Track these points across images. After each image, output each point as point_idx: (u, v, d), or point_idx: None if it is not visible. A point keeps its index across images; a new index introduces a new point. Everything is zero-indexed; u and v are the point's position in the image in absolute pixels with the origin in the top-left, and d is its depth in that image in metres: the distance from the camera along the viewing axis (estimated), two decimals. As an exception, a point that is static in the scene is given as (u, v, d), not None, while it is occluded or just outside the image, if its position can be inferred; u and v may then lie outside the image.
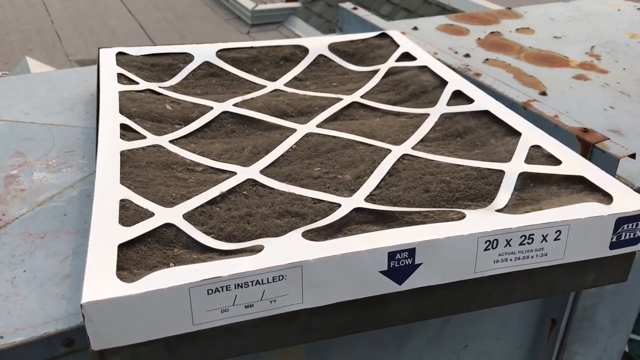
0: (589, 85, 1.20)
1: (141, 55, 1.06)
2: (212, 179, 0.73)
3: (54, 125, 0.98)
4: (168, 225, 0.62)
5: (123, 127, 0.81)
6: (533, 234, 0.60)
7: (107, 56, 1.03)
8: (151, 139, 0.80)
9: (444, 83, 0.98)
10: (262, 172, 0.75)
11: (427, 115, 0.90)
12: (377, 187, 0.72)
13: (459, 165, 0.76)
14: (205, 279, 0.52)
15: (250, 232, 0.64)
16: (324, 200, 0.69)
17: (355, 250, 0.55)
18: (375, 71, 1.07)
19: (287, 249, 0.56)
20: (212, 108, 0.91)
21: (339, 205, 0.68)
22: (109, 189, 0.65)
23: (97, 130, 0.80)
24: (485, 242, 0.59)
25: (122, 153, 0.74)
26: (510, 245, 0.60)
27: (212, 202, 0.68)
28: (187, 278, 0.52)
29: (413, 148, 0.81)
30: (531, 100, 0.99)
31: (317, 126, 0.87)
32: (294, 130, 0.85)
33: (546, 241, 0.61)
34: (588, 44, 1.43)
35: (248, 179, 0.73)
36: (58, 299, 0.65)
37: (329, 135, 0.83)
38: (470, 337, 0.95)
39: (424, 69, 1.04)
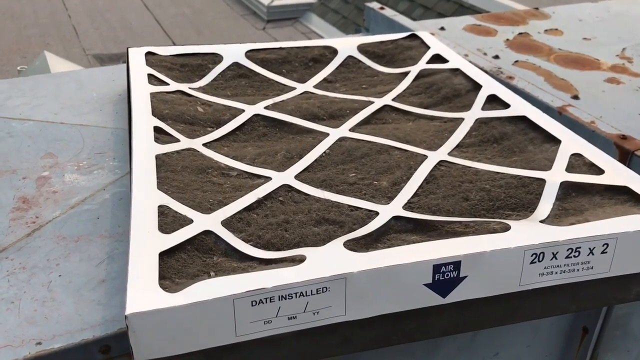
0: (621, 89, 1.18)
1: (170, 56, 1.05)
2: (247, 184, 0.72)
3: (83, 126, 0.97)
4: (207, 233, 0.62)
5: (156, 129, 0.80)
6: (580, 247, 0.59)
7: (137, 56, 1.02)
8: (185, 143, 0.80)
9: (477, 87, 0.97)
10: (297, 177, 0.74)
11: (462, 119, 0.89)
12: (415, 194, 0.71)
13: (498, 172, 0.74)
14: (249, 291, 0.51)
15: (289, 240, 0.63)
16: (361, 208, 0.68)
17: (400, 262, 0.54)
18: (406, 73, 1.06)
19: (330, 260, 0.56)
20: (243, 111, 0.90)
21: (377, 214, 0.67)
22: (147, 195, 0.65)
23: (130, 133, 0.79)
24: (532, 255, 0.57)
25: (158, 157, 0.73)
26: (556, 259, 0.58)
27: (248, 208, 0.67)
28: (232, 289, 0.51)
29: (449, 154, 0.79)
30: (566, 105, 0.98)
31: (350, 130, 0.86)
32: (327, 135, 0.84)
33: (593, 254, 0.59)
34: (619, 46, 1.40)
35: (283, 185, 0.72)
36: (94, 305, 0.64)
37: (362, 140, 0.82)
38: (501, 344, 0.94)
39: (456, 71, 1.02)
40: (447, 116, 0.91)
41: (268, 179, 0.74)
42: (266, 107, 0.91)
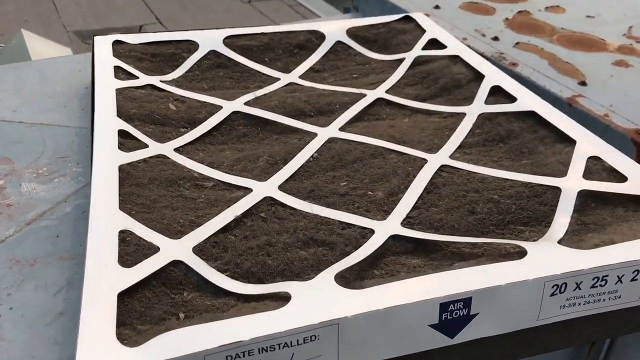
0: (631, 73, 1.10)
1: (140, 44, 0.95)
2: (224, 198, 0.64)
3: (45, 125, 0.88)
4: (176, 263, 0.53)
5: (121, 133, 0.71)
6: (607, 275, 0.51)
7: (103, 46, 0.92)
8: (154, 148, 0.71)
9: (479, 76, 0.88)
10: (281, 187, 0.66)
11: (464, 115, 0.80)
12: (415, 207, 0.63)
13: (507, 179, 0.66)
14: (223, 345, 0.43)
15: (272, 268, 0.55)
16: (354, 225, 0.60)
17: (402, 302, 0.46)
18: (400, 60, 0.97)
19: (319, 299, 0.47)
20: (221, 107, 0.81)
21: (372, 232, 0.59)
22: (106, 218, 0.56)
23: (92, 138, 0.70)
24: (553, 287, 0.50)
25: (121, 168, 0.64)
26: (580, 289, 0.51)
27: (225, 229, 0.59)
28: (202, 342, 0.43)
29: (451, 157, 0.71)
30: (576, 96, 0.89)
31: (340, 129, 0.77)
32: (314, 135, 0.75)
33: (621, 282, 0.51)
34: (625, 24, 1.31)
35: (265, 197, 0.64)
36: (50, 344, 0.56)
37: (354, 141, 0.74)
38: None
39: (455, 59, 0.93)
40: (447, 110, 0.82)
41: (248, 190, 0.65)
42: (246, 103, 0.82)
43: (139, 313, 0.48)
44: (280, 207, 0.63)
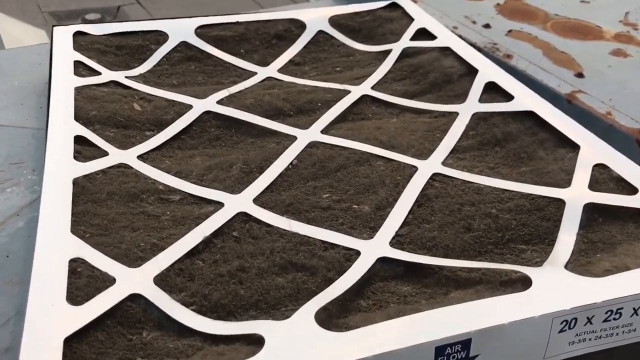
0: (629, 63, 1.04)
1: (104, 35, 0.87)
2: (192, 214, 0.57)
3: (-2, 126, 0.80)
4: (134, 297, 0.47)
5: (78, 140, 0.64)
6: (622, 308, 0.45)
7: (62, 37, 0.84)
8: (115, 156, 0.63)
9: (471, 70, 0.81)
10: (257, 200, 0.59)
11: (456, 114, 0.74)
12: (405, 222, 0.57)
13: (506, 190, 0.60)
14: (183, 407, 0.36)
15: (244, 299, 0.48)
16: (337, 245, 0.54)
17: (392, 348, 0.40)
18: (387, 52, 0.90)
19: (296, 346, 0.41)
20: (191, 107, 0.74)
21: (358, 253, 0.53)
22: (55, 245, 0.49)
23: (46, 146, 0.63)
24: (562, 323, 0.44)
25: (76, 182, 0.57)
26: (591, 323, 0.45)
27: (193, 252, 0.52)
28: (159, 403, 0.37)
29: (444, 163, 0.65)
30: (575, 92, 0.83)
31: (322, 132, 0.70)
32: (294, 138, 0.69)
33: (637, 315, 0.46)
34: (621, 10, 1.25)
35: (239, 213, 0.57)
36: (-8, 389, 0.49)
37: (337, 146, 0.67)
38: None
39: (446, 51, 0.87)
40: (438, 109, 0.76)
41: (219, 205, 0.58)
42: (219, 102, 0.75)
43: (89, 361, 0.41)
44: (256, 223, 0.56)
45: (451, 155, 0.67)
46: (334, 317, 0.46)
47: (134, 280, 0.48)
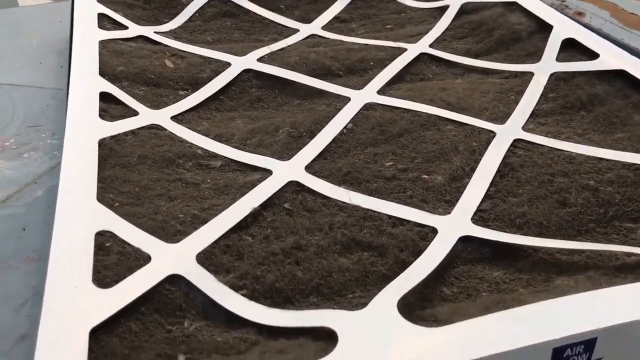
0: None
1: (131, -13, 0.79)
2: (236, 182, 0.49)
3: (15, 86, 0.72)
4: (174, 279, 0.39)
5: (104, 97, 0.56)
6: None
7: (84, -11, 0.76)
8: (146, 116, 0.56)
9: (543, 27, 0.72)
10: (309, 168, 0.51)
11: (530, 75, 0.64)
12: (487, 196, 0.48)
13: (602, 159, 0.51)
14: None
15: (303, 282, 0.40)
16: (408, 221, 0.45)
17: (501, 350, 0.32)
18: (442, 8, 0.80)
19: (380, 342, 0.33)
20: (229, 64, 0.65)
21: (434, 231, 0.44)
22: (79, 215, 0.41)
23: (67, 103, 0.55)
24: None
25: (102, 143, 0.49)
26: None
27: (240, 226, 0.44)
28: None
29: (525, 128, 0.56)
30: (662, 51, 0.73)
31: (379, 92, 0.61)
32: (347, 100, 0.60)
33: None
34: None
35: (290, 182, 0.49)
36: (6, 383, 0.42)
37: (398, 108, 0.58)
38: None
39: (512, 5, 0.77)
40: (509, 69, 0.66)
41: (267, 172, 0.50)
42: (260, 60, 0.67)
43: (122, 357, 0.34)
44: (309, 194, 0.48)
45: (531, 120, 0.58)
46: (415, 308, 0.38)
47: (173, 258, 0.40)
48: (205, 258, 0.41)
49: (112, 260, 0.39)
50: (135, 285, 0.37)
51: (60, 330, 0.33)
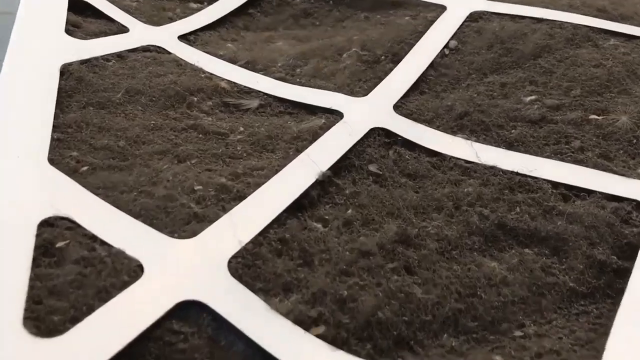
0: None
1: None
2: (287, 131, 0.30)
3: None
4: (187, 310, 0.20)
5: (77, 6, 0.37)
6: None
7: None
8: (140, 34, 0.36)
9: None
10: (399, 108, 0.32)
11: None
12: None
13: None
14: None
15: (428, 311, 0.22)
16: (590, 192, 0.27)
17: None
18: None
19: None
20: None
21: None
22: (13, 182, 0.22)
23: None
24: None
25: (67, 70, 0.30)
26: None
27: (301, 205, 0.25)
28: None
29: None
30: None
31: (487, -3, 0.42)
32: (441, 8, 0.40)
33: None
34: None
35: (373, 130, 0.30)
36: None
37: (523, 17, 0.39)
38: None
39: None
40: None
41: (334, 115, 0.31)
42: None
43: None
44: (407, 149, 0.29)
45: None
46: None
47: (186, 269, 0.21)
48: (245, 265, 0.22)
49: (67, 278, 0.20)
50: (112, 330, 0.18)
51: None
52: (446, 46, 0.37)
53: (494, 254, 0.24)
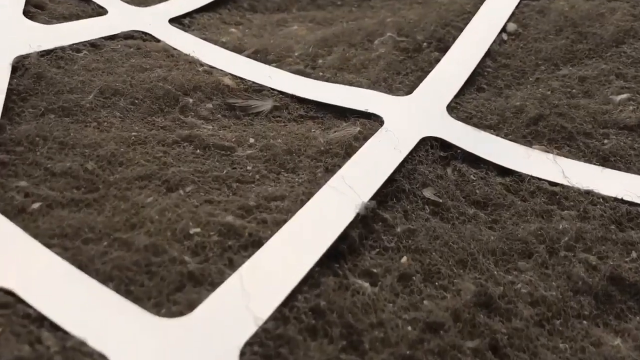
0: None
1: None
2: (311, 142, 0.23)
3: None
4: None
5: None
6: None
7: None
8: (120, 16, 0.29)
9: None
10: (455, 110, 0.26)
11: None
12: None
13: None
14: None
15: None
16: None
17: None
18: None
19: None
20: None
21: None
22: None
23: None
24: None
25: (22, 65, 0.23)
26: None
27: (337, 253, 0.18)
28: None
29: None
30: None
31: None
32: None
33: None
34: None
35: (425, 140, 0.22)
36: None
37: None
38: None
39: None
40: None
41: (370, 119, 0.24)
42: None
43: None
44: (470, 166, 0.22)
45: None
46: None
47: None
48: (265, 357, 0.15)
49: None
50: None
51: None
52: (503, 30, 0.30)
53: (610, 323, 0.17)
